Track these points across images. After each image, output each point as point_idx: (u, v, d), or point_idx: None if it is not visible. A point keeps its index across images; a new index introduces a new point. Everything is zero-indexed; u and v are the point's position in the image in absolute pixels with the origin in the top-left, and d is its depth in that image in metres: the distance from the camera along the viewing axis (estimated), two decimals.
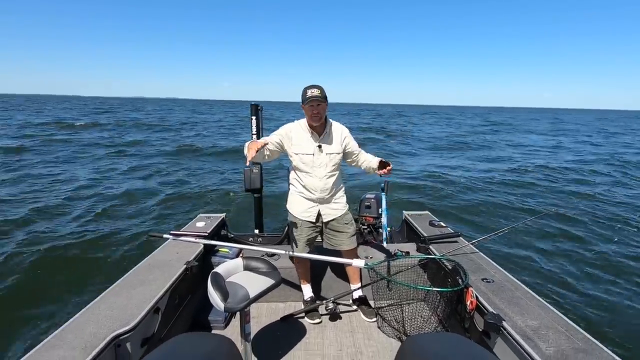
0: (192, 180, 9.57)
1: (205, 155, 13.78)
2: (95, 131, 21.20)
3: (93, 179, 9.29)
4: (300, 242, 2.30)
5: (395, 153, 15.70)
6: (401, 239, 3.27)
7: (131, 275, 2.07)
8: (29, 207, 6.70)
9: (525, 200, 8.20)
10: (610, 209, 7.50)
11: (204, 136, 20.66)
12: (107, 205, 7.06)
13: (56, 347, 1.41)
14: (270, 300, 2.58)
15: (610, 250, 5.27)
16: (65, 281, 4.18)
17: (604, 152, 17.34)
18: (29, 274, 4.31)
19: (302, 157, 2.14)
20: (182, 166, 11.51)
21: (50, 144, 14.99)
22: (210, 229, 2.87)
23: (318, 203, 2.24)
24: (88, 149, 14.40)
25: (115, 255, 4.85)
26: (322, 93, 2.03)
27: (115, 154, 13.42)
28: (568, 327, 1.57)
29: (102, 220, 6.27)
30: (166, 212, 6.86)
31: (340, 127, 2.26)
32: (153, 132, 22.21)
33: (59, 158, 12.19)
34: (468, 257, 2.37)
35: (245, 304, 1.54)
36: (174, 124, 28.89)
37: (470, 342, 1.07)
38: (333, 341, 2.16)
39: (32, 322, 3.40)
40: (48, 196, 7.58)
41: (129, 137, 18.80)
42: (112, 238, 5.46)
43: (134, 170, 10.62)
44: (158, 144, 16.58)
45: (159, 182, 9.33)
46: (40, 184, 8.56)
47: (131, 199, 7.67)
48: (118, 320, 1.60)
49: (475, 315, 1.88)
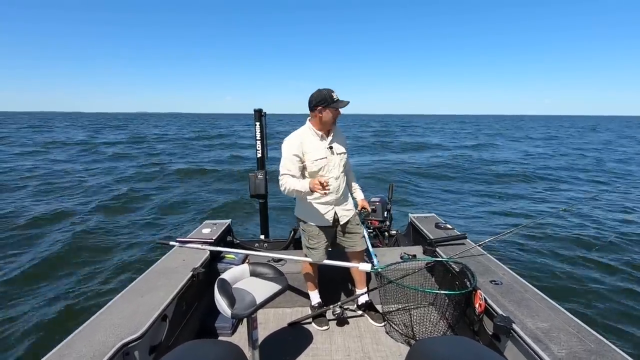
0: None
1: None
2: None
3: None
4: (320, 250, 2.27)
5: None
6: (407, 242, 3.25)
7: (139, 283, 2.08)
8: (34, 211, 6.79)
9: (533, 200, 8.13)
10: (626, 207, 7.38)
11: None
12: (116, 212, 7.13)
13: (65, 355, 1.42)
14: (277, 306, 2.57)
15: (622, 250, 5.18)
16: (73, 289, 4.21)
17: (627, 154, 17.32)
18: (36, 282, 4.35)
19: (318, 162, 2.13)
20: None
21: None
22: (216, 235, 2.88)
23: (334, 205, 2.24)
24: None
25: (122, 262, 4.89)
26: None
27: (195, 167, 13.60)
28: (580, 329, 1.54)
29: (111, 227, 6.33)
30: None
31: (339, 128, 2.29)
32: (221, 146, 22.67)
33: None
34: (475, 259, 2.34)
35: (252, 310, 1.53)
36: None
37: (480, 346, 1.06)
38: (341, 346, 2.15)
39: (40, 330, 3.42)
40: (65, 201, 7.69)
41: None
42: (120, 245, 5.51)
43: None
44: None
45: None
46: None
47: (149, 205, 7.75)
48: (126, 328, 1.60)
49: (485, 318, 1.86)
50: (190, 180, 11.20)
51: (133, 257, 5.03)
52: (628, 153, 19.30)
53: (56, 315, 3.67)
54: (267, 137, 3.38)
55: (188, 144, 23.59)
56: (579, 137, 31.79)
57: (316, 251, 2.26)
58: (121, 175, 11.46)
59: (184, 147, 21.60)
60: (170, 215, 7.23)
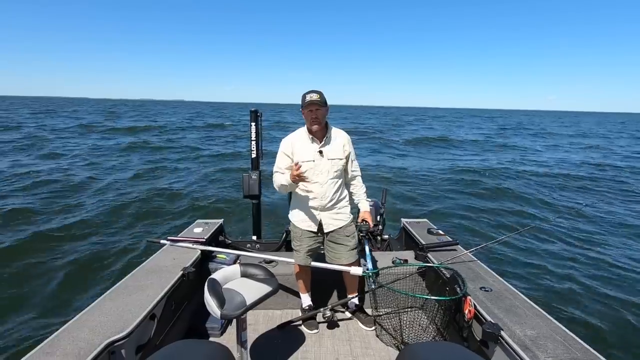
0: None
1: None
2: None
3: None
4: (301, 253, 2.27)
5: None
6: (399, 247, 3.26)
7: (127, 281, 2.06)
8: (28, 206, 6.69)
9: (524, 208, 8.21)
10: (617, 215, 7.47)
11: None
12: (106, 208, 7.04)
13: (49, 354, 1.39)
14: (267, 308, 2.56)
15: (612, 259, 5.25)
16: (60, 286, 4.15)
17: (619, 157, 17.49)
18: (24, 278, 4.27)
19: (303, 164, 2.11)
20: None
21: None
22: (207, 234, 2.86)
23: (320, 211, 2.21)
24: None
25: (111, 260, 4.82)
26: (320, 98, 2.05)
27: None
28: (566, 337, 1.56)
29: (101, 224, 6.25)
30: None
31: (342, 133, 2.26)
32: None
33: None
34: (466, 265, 2.36)
35: (241, 311, 1.52)
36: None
37: (468, 352, 1.06)
38: (330, 350, 2.15)
39: (25, 328, 3.36)
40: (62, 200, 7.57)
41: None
42: (109, 243, 5.44)
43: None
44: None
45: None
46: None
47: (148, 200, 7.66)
48: (113, 327, 1.58)
49: (474, 324, 1.87)
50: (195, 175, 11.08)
51: (122, 255, 4.96)
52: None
53: (40, 314, 3.61)
54: (262, 137, 3.38)
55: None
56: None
57: (298, 253, 2.29)
58: (127, 170, 11.29)
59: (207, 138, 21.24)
60: (162, 213, 7.15)
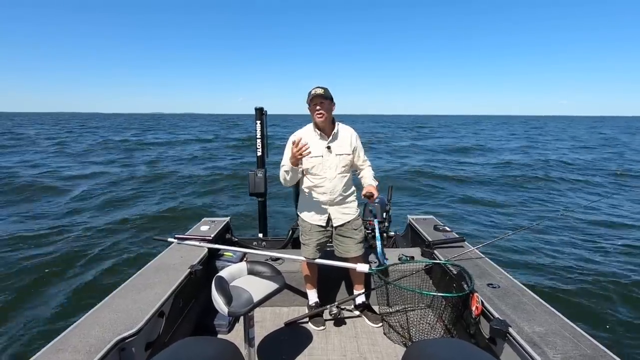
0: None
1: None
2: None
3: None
4: (310, 247, 2.28)
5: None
6: (406, 244, 3.25)
7: (136, 279, 2.08)
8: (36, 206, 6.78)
9: (532, 203, 8.13)
10: (627, 211, 7.36)
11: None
12: (114, 208, 7.12)
13: (61, 350, 1.42)
14: (274, 305, 2.57)
15: (621, 255, 5.18)
16: (70, 284, 4.21)
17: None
18: (35, 276, 4.34)
19: (312, 160, 2.14)
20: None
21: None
22: (214, 232, 2.87)
23: (328, 205, 2.23)
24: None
25: (119, 258, 4.88)
26: (325, 92, 2.06)
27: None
28: (575, 334, 1.54)
29: (109, 223, 6.32)
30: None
31: (350, 129, 2.28)
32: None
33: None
34: (473, 261, 2.35)
35: (249, 309, 1.53)
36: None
37: (476, 349, 1.06)
38: (337, 346, 2.15)
39: (36, 325, 3.42)
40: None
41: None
42: (118, 241, 5.50)
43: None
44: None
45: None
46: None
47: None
48: (122, 324, 1.60)
49: (481, 321, 1.86)
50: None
51: (130, 254, 5.03)
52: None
53: (52, 311, 3.67)
54: (267, 136, 3.39)
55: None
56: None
57: (306, 247, 2.29)
58: (133, 174, 11.41)
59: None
60: (170, 213, 7.22)
